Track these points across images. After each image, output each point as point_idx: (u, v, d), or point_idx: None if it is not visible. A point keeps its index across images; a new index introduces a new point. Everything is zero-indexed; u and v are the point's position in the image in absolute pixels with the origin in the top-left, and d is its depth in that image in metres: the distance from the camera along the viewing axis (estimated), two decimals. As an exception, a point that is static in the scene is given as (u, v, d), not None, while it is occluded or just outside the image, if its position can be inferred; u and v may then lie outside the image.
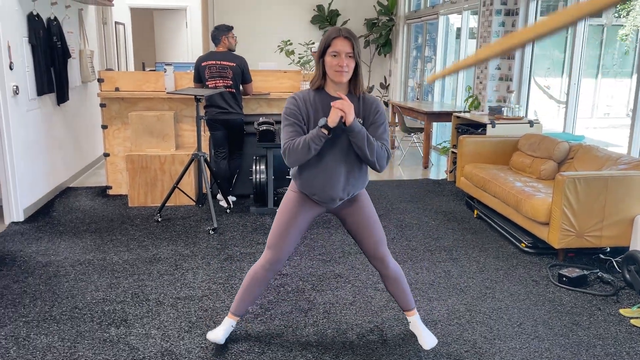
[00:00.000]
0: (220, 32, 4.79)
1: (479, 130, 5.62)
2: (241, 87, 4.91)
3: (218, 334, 2.62)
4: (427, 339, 2.63)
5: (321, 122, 2.26)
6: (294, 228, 2.47)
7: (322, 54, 2.32)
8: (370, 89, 10.66)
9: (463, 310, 3.05)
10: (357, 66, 2.33)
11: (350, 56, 2.28)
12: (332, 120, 2.24)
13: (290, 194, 2.51)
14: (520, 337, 2.78)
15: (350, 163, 2.40)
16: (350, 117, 2.25)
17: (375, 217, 2.55)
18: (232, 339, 2.69)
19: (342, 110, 2.23)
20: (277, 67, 5.92)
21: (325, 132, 2.26)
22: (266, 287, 2.70)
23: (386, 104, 10.68)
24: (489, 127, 5.41)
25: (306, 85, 5.35)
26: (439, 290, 3.30)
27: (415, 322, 2.70)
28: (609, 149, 4.26)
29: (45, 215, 4.69)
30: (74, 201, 5.12)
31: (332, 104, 2.26)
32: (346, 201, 2.50)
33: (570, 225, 3.62)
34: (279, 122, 5.13)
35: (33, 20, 4.79)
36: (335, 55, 2.27)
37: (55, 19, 5.27)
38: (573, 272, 3.39)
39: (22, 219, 4.52)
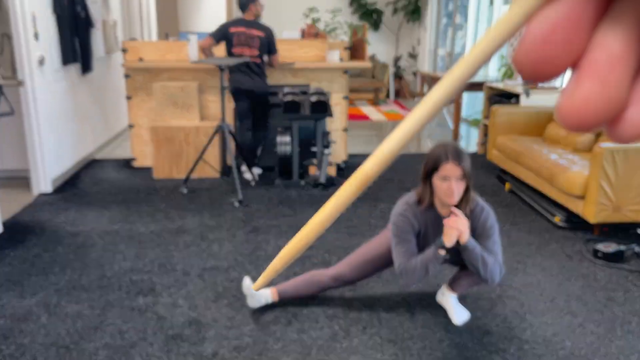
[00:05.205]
0: (248, 0, 4.69)
1: (512, 101, 5.44)
2: (265, 58, 4.82)
3: (256, 298, 2.67)
4: (459, 314, 2.63)
5: (438, 243, 2.21)
6: (378, 265, 2.61)
7: (429, 174, 2.25)
8: (398, 58, 10.43)
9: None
10: (467, 186, 2.26)
11: (460, 179, 2.21)
12: (450, 240, 2.18)
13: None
14: (552, 312, 2.70)
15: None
16: (466, 235, 2.19)
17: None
18: (259, 309, 2.68)
19: (458, 229, 2.17)
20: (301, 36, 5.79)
21: (443, 252, 2.21)
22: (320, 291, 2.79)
23: (414, 74, 10.45)
24: (522, 97, 5.22)
25: (332, 55, 5.21)
26: (468, 264, 3.22)
27: (452, 299, 2.69)
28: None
29: (72, 186, 4.74)
30: (100, 173, 5.16)
31: (445, 222, 2.20)
32: None
33: (607, 199, 3.48)
34: (304, 93, 5.03)
35: (57, -10, 4.75)
36: (445, 179, 2.20)
37: (79, -12, 5.22)
38: (609, 247, 3.28)
39: (50, 190, 4.57)
